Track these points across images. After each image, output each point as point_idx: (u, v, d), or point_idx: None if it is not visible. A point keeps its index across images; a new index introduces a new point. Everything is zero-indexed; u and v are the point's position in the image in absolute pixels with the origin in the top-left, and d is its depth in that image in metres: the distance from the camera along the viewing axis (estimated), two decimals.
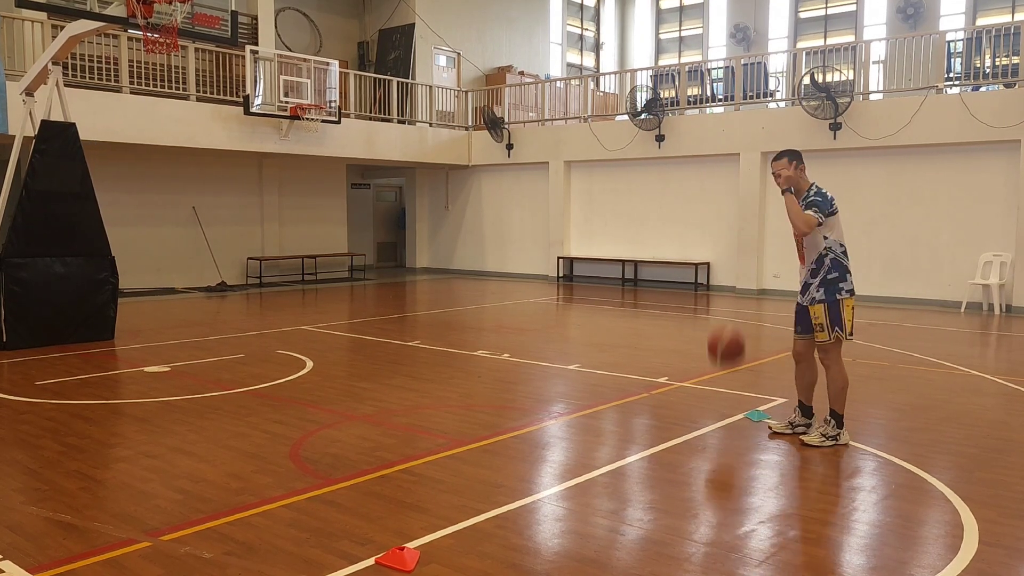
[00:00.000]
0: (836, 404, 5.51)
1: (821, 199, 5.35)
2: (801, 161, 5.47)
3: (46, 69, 9.48)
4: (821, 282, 5.43)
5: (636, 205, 17.68)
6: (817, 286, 5.44)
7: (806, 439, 5.47)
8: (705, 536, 3.98)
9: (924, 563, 3.68)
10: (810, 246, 5.47)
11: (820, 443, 5.41)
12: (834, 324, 5.41)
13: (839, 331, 5.42)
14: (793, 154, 5.47)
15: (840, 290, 5.40)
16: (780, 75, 16.56)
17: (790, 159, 5.43)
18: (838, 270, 5.43)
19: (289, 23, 18.94)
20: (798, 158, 5.46)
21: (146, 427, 5.92)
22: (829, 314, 5.40)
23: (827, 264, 5.42)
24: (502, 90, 19.75)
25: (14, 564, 3.59)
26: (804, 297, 5.54)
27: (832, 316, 5.41)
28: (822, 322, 5.43)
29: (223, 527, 4.01)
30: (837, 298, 5.39)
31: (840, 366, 5.52)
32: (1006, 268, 13.13)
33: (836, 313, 5.40)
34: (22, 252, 9.10)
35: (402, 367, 8.37)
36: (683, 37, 26.03)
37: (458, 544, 3.83)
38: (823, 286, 5.42)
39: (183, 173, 16.24)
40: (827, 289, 5.42)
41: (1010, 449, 5.45)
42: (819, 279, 5.44)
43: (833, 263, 5.43)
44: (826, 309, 5.41)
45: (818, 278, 5.44)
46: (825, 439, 5.43)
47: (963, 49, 14.10)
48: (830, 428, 5.47)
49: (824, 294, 5.41)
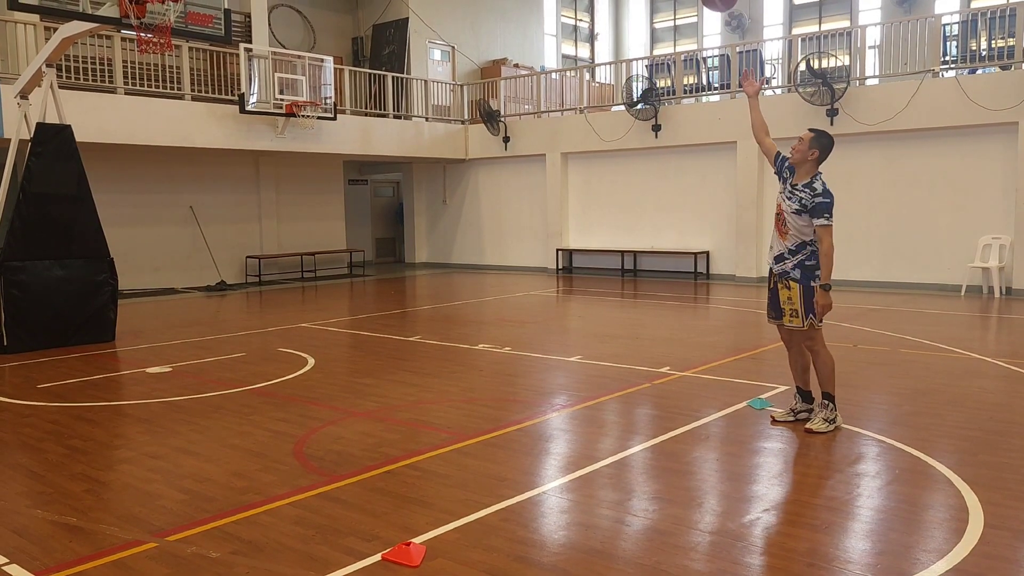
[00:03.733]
0: (828, 386, 5.48)
1: (829, 199, 5.26)
2: (824, 154, 5.34)
3: (40, 71, 9.46)
4: (799, 264, 5.37)
5: (634, 195, 17.67)
6: (794, 265, 5.38)
7: (811, 426, 5.44)
8: (710, 525, 3.98)
9: (930, 547, 3.69)
10: (797, 231, 5.37)
11: (825, 428, 5.39)
12: (808, 311, 5.35)
13: (812, 318, 5.35)
14: (821, 135, 5.35)
15: (816, 278, 5.33)
16: (776, 62, 16.54)
17: (815, 137, 5.34)
18: (815, 260, 5.33)
19: (282, 20, 18.88)
20: (823, 143, 5.33)
21: (149, 428, 5.92)
22: (804, 299, 5.35)
23: (809, 251, 5.34)
24: (497, 83, 19.71)
25: (20, 568, 3.59)
26: (777, 265, 5.48)
27: (807, 302, 5.34)
28: (796, 307, 5.37)
29: (229, 526, 4.02)
30: (812, 285, 5.33)
31: (825, 348, 5.48)
32: (1005, 251, 13.13)
33: (810, 300, 5.33)
34: (20, 255, 9.09)
35: (404, 362, 8.37)
36: (678, 26, 25.99)
37: (464, 538, 3.83)
38: (800, 268, 5.37)
39: (180, 172, 16.21)
40: (803, 273, 5.36)
41: (1013, 432, 5.46)
42: (797, 259, 5.37)
43: (814, 254, 5.33)
44: (802, 293, 5.35)
45: (796, 258, 5.37)
46: (828, 424, 5.42)
47: (959, 32, 14.06)
48: (829, 411, 5.45)
49: (800, 276, 5.36)
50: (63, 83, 11.90)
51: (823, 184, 5.29)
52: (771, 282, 5.64)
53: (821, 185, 5.28)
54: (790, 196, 5.37)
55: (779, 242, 5.47)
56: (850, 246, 14.78)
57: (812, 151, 5.32)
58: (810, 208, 5.25)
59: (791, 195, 5.37)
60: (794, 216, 5.32)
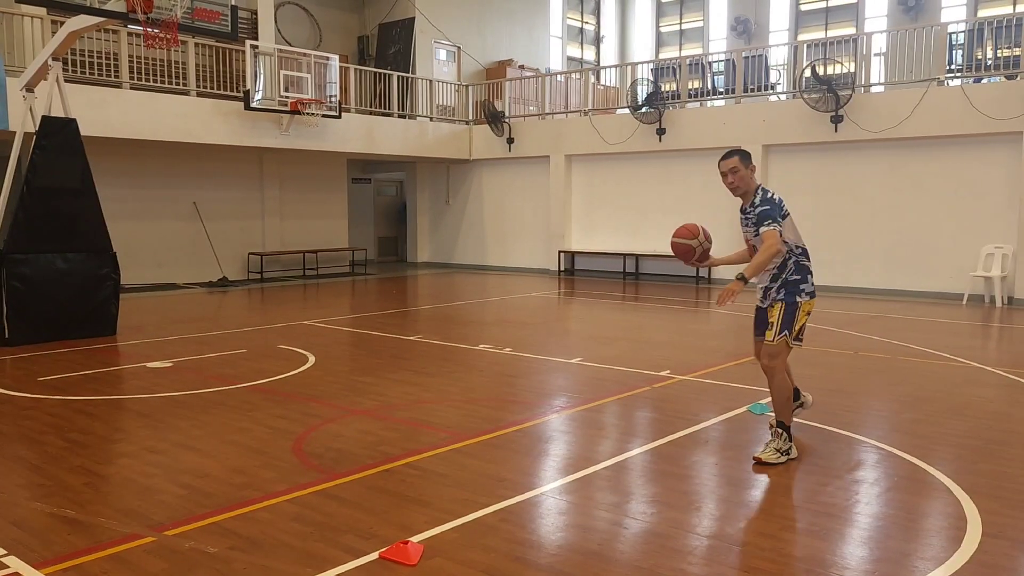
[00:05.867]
0: (783, 414, 5.04)
1: (770, 206, 4.94)
2: (751, 162, 5.10)
3: (46, 65, 9.47)
4: (782, 284, 5.06)
5: (637, 199, 17.67)
6: (778, 288, 5.07)
7: (761, 455, 4.96)
8: (708, 529, 3.98)
9: (927, 555, 3.68)
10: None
11: (775, 460, 4.91)
12: (784, 327, 4.99)
13: (786, 334, 5.00)
14: (745, 154, 5.09)
15: (800, 291, 5.02)
16: (781, 68, 16.54)
17: (741, 157, 5.05)
18: (800, 272, 5.05)
19: (289, 18, 18.90)
20: (748, 158, 5.09)
21: (149, 422, 5.93)
22: (784, 315, 5.01)
23: (790, 266, 5.04)
24: (502, 84, 19.72)
25: (19, 559, 3.60)
26: (766, 300, 5.17)
27: (786, 317, 5.00)
28: (774, 321, 5.04)
29: (227, 522, 4.02)
30: (796, 300, 5.01)
31: (783, 375, 5.07)
32: (1008, 260, 13.12)
33: (791, 315, 5.00)
34: (24, 248, 9.10)
35: (404, 362, 8.38)
36: (684, 30, 25.99)
37: (462, 538, 3.83)
38: (784, 287, 5.05)
39: (184, 168, 16.23)
40: (787, 290, 5.04)
41: (1012, 441, 5.46)
42: (780, 281, 5.06)
43: (796, 265, 5.05)
44: (783, 309, 5.02)
45: (779, 281, 5.07)
46: (781, 455, 4.95)
47: (964, 41, 14.07)
48: (783, 442, 4.99)
49: (784, 295, 5.04)
50: (69, 77, 11.92)
51: (763, 194, 5.03)
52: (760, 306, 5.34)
53: (761, 196, 5.02)
54: (746, 224, 5.14)
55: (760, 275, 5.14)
56: (852, 253, 14.80)
57: (748, 169, 5.06)
58: (756, 222, 4.99)
59: (746, 222, 5.13)
60: (758, 240, 5.03)
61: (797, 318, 5.01)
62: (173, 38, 8.57)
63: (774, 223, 4.88)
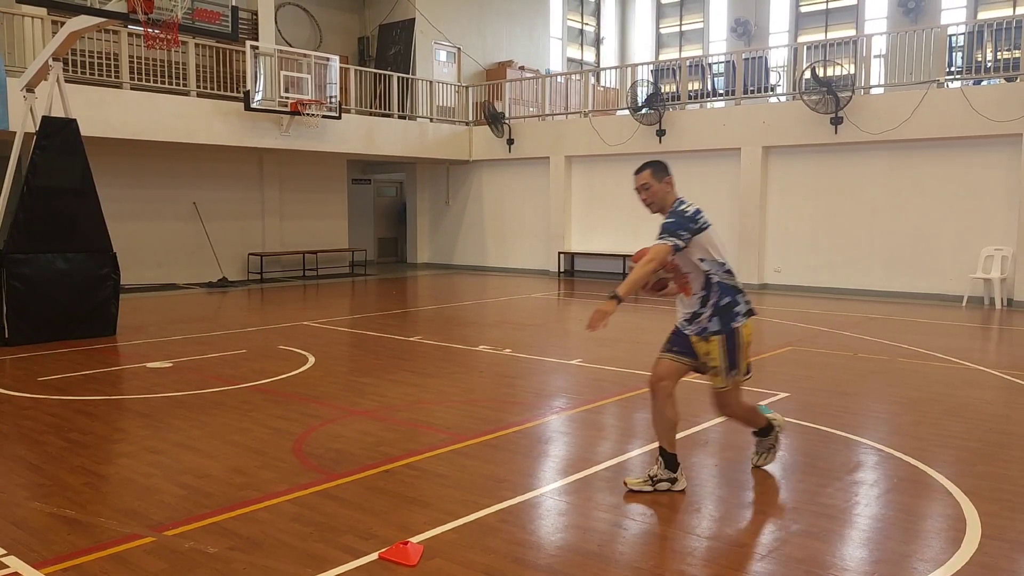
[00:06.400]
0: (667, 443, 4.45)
1: (675, 219, 4.36)
2: (668, 172, 4.56)
3: (47, 65, 9.47)
4: (714, 310, 4.40)
5: (637, 200, 17.61)
6: (709, 316, 4.40)
7: (629, 480, 4.50)
8: (708, 530, 3.99)
9: (927, 556, 3.69)
10: (690, 272, 4.46)
11: (641, 486, 4.37)
12: (732, 365, 4.41)
13: (735, 374, 4.44)
14: (657, 165, 4.56)
15: (735, 316, 4.41)
16: (781, 69, 16.54)
17: (654, 171, 4.53)
18: (728, 292, 4.41)
19: (289, 18, 18.91)
20: (663, 170, 4.55)
21: (149, 422, 5.93)
22: (727, 350, 4.39)
23: (715, 288, 4.40)
24: (502, 85, 19.73)
25: (19, 559, 3.60)
26: (692, 326, 4.48)
27: (730, 354, 4.40)
28: (718, 364, 4.40)
29: (227, 522, 4.02)
30: (734, 327, 4.39)
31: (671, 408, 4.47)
32: (1007, 262, 13.13)
33: (733, 348, 4.39)
34: (24, 248, 9.10)
35: (404, 362, 8.38)
36: (684, 31, 25.99)
37: (461, 538, 3.84)
38: (717, 314, 4.39)
39: (184, 168, 16.23)
40: (722, 317, 4.39)
41: (1011, 443, 5.46)
42: (710, 308, 4.41)
43: (721, 286, 4.41)
44: (723, 344, 4.38)
45: (708, 307, 4.41)
46: (651, 483, 4.38)
47: (964, 43, 14.08)
48: (659, 471, 4.42)
49: (720, 324, 4.39)
50: (69, 77, 11.92)
51: (675, 207, 4.46)
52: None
53: (675, 207, 4.46)
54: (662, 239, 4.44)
55: (685, 300, 4.53)
56: (852, 255, 14.81)
57: (662, 183, 4.52)
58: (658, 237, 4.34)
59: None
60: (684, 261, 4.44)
61: (740, 348, 4.42)
62: (174, 39, 8.58)
63: (670, 238, 4.29)
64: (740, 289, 4.50)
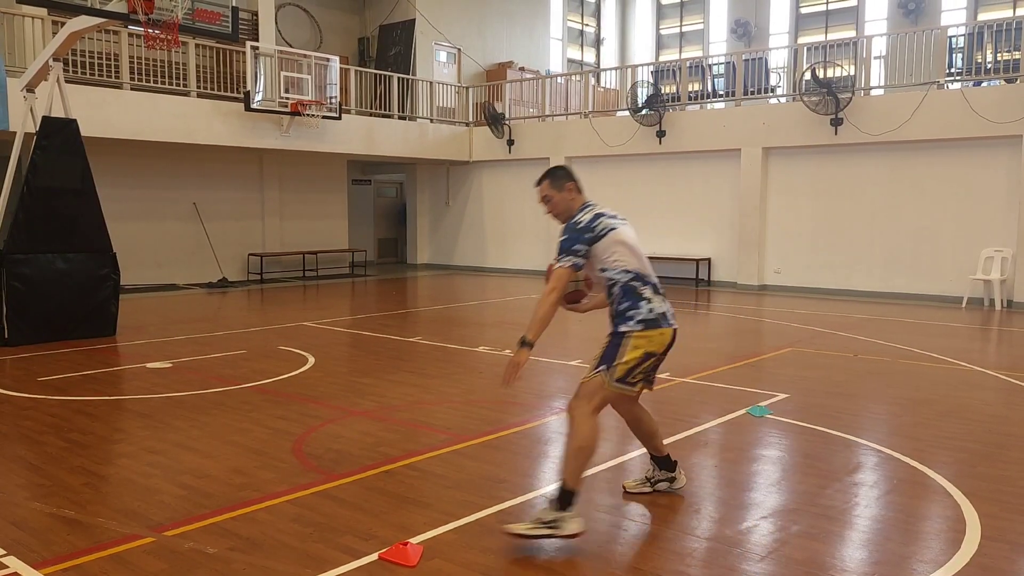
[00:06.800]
0: (567, 473, 3.85)
1: (567, 237, 3.97)
2: (569, 179, 4.15)
3: (47, 65, 9.48)
4: (614, 315, 4.07)
5: (637, 201, 17.65)
6: (611, 319, 4.10)
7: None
8: (707, 531, 3.99)
9: (926, 558, 3.69)
10: (595, 277, 4.15)
11: (528, 530, 3.74)
12: (603, 361, 3.97)
13: (603, 370, 3.95)
14: (556, 174, 4.15)
15: (628, 320, 3.98)
16: (781, 70, 16.55)
17: (551, 181, 4.13)
18: (629, 298, 4.01)
19: (289, 19, 18.91)
20: (564, 177, 4.14)
21: (149, 423, 5.93)
22: (607, 347, 4.01)
23: (617, 293, 4.04)
24: (503, 86, 19.73)
25: (18, 560, 3.60)
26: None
27: (608, 351, 3.99)
28: (598, 355, 4.03)
29: (227, 522, 4.02)
30: (622, 331, 3.97)
31: (588, 422, 3.92)
32: (1007, 263, 13.13)
33: (614, 349, 3.97)
34: (24, 248, 9.11)
35: (404, 363, 8.38)
36: (684, 32, 26.00)
37: (461, 539, 3.84)
38: (615, 318, 4.06)
39: (184, 169, 16.24)
40: (616, 319, 4.04)
41: (1011, 444, 5.46)
42: (612, 313, 4.10)
43: (623, 290, 4.02)
44: (608, 342, 4.03)
45: (611, 313, 4.11)
46: (542, 525, 3.74)
47: (964, 44, 14.09)
48: (552, 511, 3.79)
49: (613, 326, 4.06)
50: (69, 77, 11.92)
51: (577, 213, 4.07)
52: None
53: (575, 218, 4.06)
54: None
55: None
56: (852, 256, 14.81)
57: (563, 192, 4.12)
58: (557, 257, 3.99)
59: None
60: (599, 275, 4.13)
61: (623, 353, 3.94)
62: (174, 39, 8.58)
63: (566, 257, 3.93)
64: (646, 297, 4.01)
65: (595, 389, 3.96)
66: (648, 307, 4.00)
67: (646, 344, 3.97)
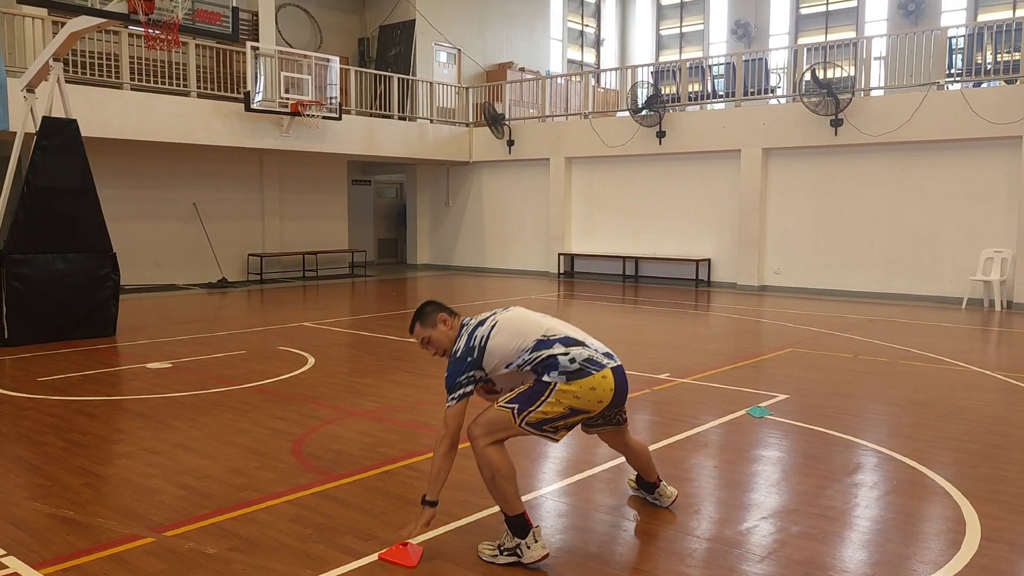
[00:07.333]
0: (499, 504, 3.64)
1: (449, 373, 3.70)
2: (438, 310, 3.88)
3: (47, 65, 9.48)
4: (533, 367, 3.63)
5: (637, 201, 17.68)
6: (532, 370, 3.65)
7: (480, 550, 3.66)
8: (707, 532, 3.99)
9: (926, 558, 3.69)
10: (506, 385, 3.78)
11: (492, 558, 3.59)
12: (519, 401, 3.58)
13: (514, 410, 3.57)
14: (424, 313, 3.89)
15: (550, 370, 3.57)
16: (781, 71, 16.55)
17: (422, 323, 3.87)
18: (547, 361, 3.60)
19: (290, 19, 18.92)
20: (432, 312, 3.88)
21: (149, 423, 5.93)
22: (527, 389, 3.61)
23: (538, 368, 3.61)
24: (503, 86, 19.74)
25: (18, 560, 3.60)
26: None
27: (527, 393, 3.59)
28: (518, 391, 3.63)
29: (226, 523, 4.02)
30: (546, 380, 3.56)
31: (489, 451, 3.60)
32: (1007, 264, 13.13)
33: (534, 396, 3.56)
34: (24, 248, 9.11)
35: (404, 363, 8.38)
36: (684, 33, 26.02)
37: (461, 539, 3.83)
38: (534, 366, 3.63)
39: (184, 169, 16.24)
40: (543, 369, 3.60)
41: (1011, 445, 5.46)
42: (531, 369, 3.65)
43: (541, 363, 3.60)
44: (531, 384, 3.62)
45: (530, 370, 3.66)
46: (500, 552, 3.59)
47: (964, 45, 14.09)
48: (507, 538, 3.60)
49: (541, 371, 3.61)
50: (70, 78, 11.93)
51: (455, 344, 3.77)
52: None
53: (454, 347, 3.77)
54: None
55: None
56: (852, 257, 14.81)
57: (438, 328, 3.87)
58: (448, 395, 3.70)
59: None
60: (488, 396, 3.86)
61: (540, 403, 3.55)
62: (174, 39, 8.58)
63: (451, 396, 3.66)
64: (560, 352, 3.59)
65: (503, 425, 3.59)
66: (567, 359, 3.58)
67: (572, 401, 3.55)
